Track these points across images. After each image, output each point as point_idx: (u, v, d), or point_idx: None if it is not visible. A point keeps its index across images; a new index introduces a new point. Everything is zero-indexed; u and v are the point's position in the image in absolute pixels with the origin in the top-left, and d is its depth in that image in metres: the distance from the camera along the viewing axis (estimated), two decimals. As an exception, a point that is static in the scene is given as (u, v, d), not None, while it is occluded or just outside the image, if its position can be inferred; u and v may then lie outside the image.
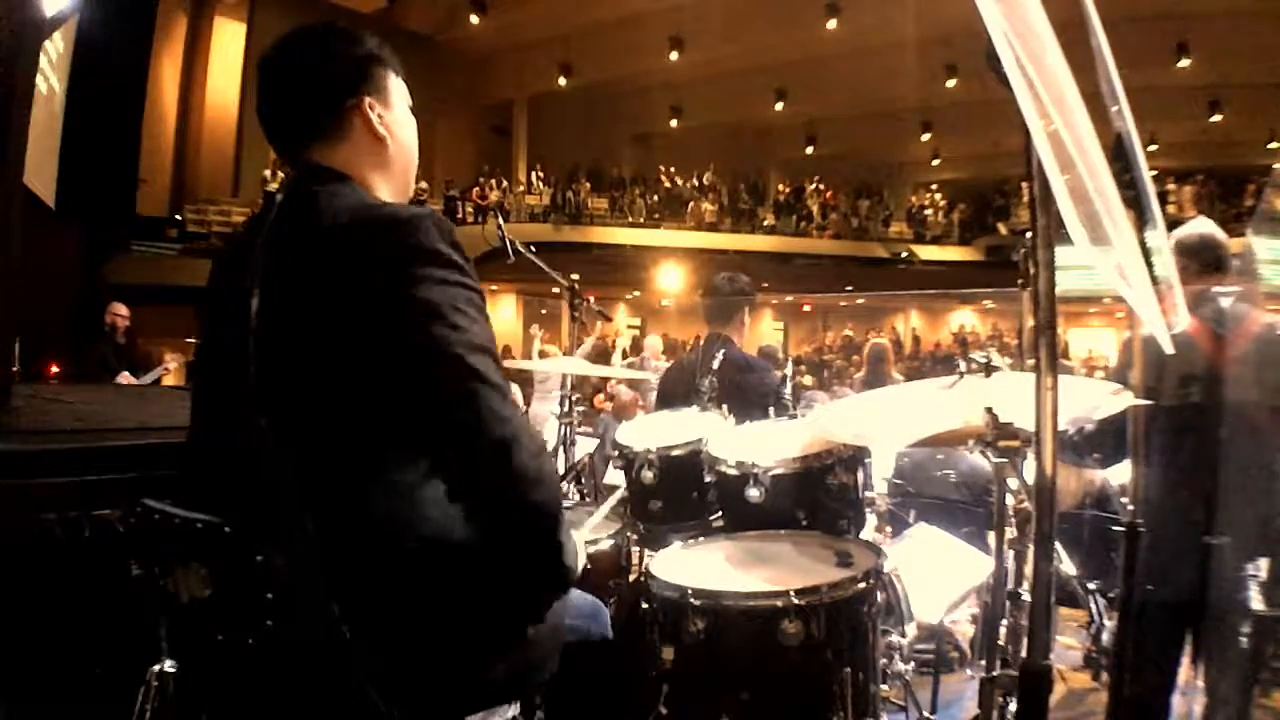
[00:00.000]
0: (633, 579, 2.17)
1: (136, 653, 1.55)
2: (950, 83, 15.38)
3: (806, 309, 23.24)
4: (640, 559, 2.35)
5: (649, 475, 2.26)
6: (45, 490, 1.99)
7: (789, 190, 20.72)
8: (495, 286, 18.88)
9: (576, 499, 2.98)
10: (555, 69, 16.73)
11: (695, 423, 2.52)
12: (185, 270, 12.10)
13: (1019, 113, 0.96)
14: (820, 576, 1.69)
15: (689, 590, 1.66)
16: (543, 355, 7.67)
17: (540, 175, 18.22)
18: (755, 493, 1.97)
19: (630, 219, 18.53)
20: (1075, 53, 1.10)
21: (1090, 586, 3.16)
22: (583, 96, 18.56)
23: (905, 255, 19.70)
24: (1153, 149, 15.19)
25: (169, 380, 6.36)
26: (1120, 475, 2.82)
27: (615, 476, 3.20)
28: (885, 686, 2.05)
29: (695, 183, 19.59)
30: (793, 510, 2.03)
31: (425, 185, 16.32)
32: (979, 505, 3.37)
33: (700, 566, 1.86)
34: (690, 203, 19.11)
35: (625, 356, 12.02)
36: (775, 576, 1.75)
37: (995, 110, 12.90)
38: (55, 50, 7.79)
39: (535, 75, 17.83)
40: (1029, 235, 1.09)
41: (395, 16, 15.35)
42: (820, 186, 20.69)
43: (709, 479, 2.14)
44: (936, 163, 21.49)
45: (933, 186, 22.16)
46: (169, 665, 1.51)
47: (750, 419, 2.51)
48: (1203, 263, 2.35)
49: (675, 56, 15.70)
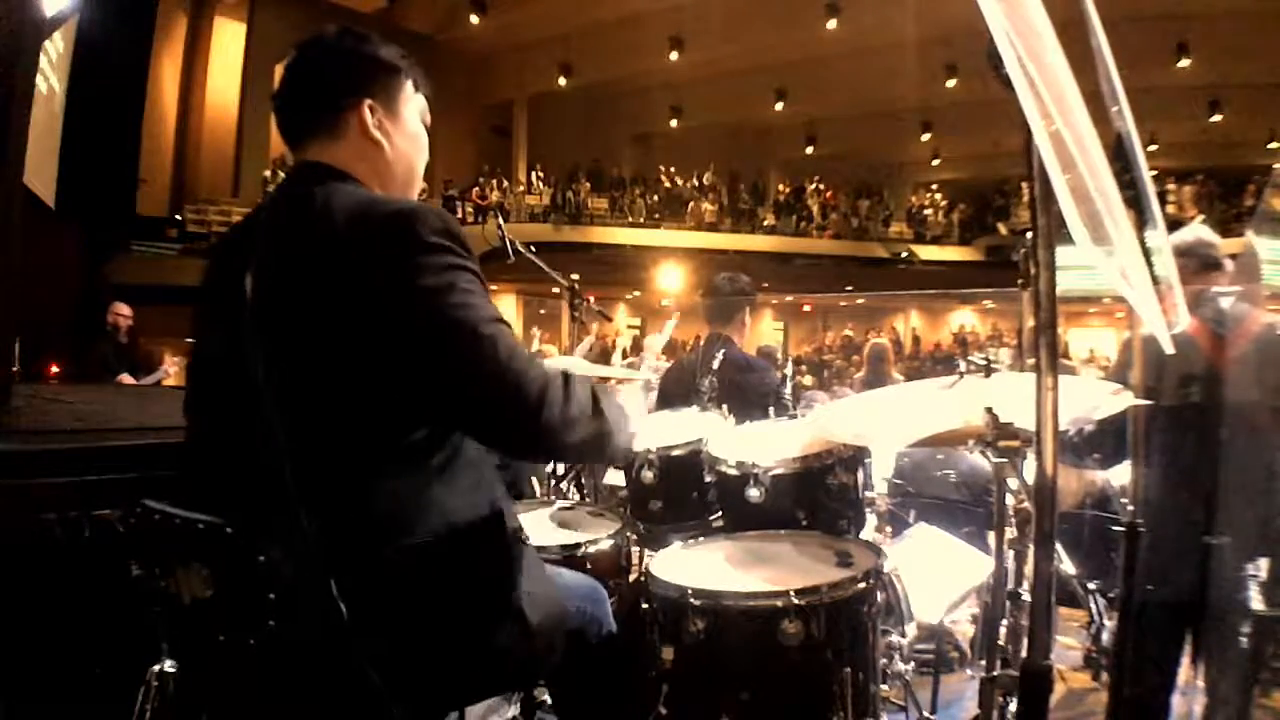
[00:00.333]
0: (633, 579, 2.16)
1: (136, 653, 1.55)
2: (950, 83, 15.37)
3: (806, 309, 23.23)
4: (640, 559, 2.35)
5: (649, 475, 2.26)
6: (45, 490, 1.99)
7: (789, 190, 20.72)
8: (495, 286, 18.86)
9: (576, 499, 2.98)
10: (555, 69, 16.72)
11: (695, 423, 2.52)
12: (185, 270, 12.09)
13: (1019, 113, 0.96)
14: (820, 576, 1.69)
15: (689, 590, 1.66)
16: (541, 355, 7.67)
17: (540, 175, 18.21)
18: (755, 493, 1.97)
19: (630, 219, 18.52)
20: (1075, 53, 1.10)
21: (1090, 586, 3.16)
22: (583, 96, 18.56)
23: (905, 255, 19.69)
24: (1153, 149, 15.18)
25: (169, 383, 6.35)
26: (1120, 475, 2.82)
27: (615, 476, 3.20)
28: (885, 686, 2.05)
29: (695, 183, 19.58)
30: (793, 510, 2.03)
31: (425, 185, 16.23)
32: (979, 505, 3.37)
33: (700, 566, 1.85)
34: (690, 203, 19.10)
35: (625, 356, 12.01)
36: (775, 576, 1.75)
37: (995, 110, 12.90)
38: (55, 50, 7.78)
39: (535, 75, 17.82)
40: (1029, 235, 1.09)
41: (395, 16, 15.35)
42: (820, 186, 20.69)
43: (709, 479, 2.14)
44: (936, 163, 21.48)
45: (933, 186, 22.15)
46: (169, 665, 1.51)
47: (750, 419, 2.51)
48: (1199, 262, 2.35)
49: (675, 56, 15.69)
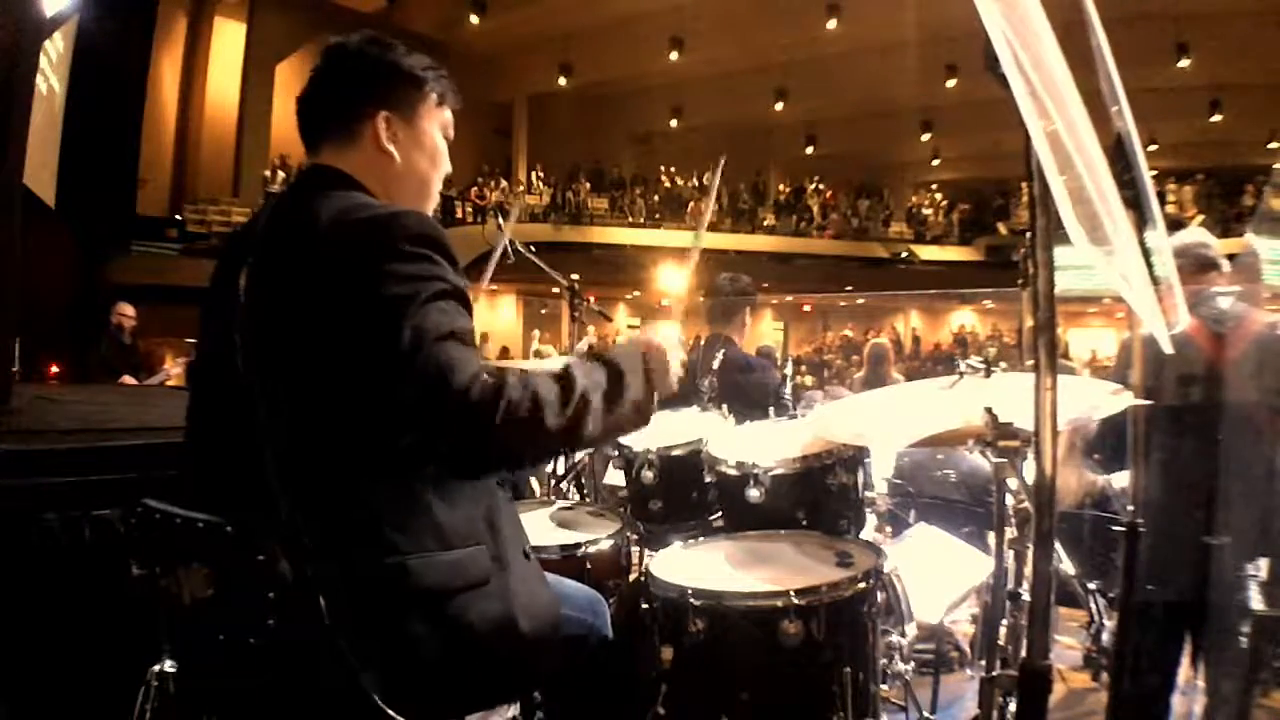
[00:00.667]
0: (633, 579, 2.16)
1: (136, 653, 1.55)
2: (950, 83, 15.36)
3: (806, 309, 23.22)
4: (640, 559, 2.35)
5: (649, 475, 2.26)
6: (45, 490, 1.99)
7: (789, 190, 20.72)
8: (495, 286, 18.87)
9: (576, 499, 2.98)
10: (555, 69, 16.72)
11: (695, 423, 2.52)
12: (185, 270, 12.09)
13: (1019, 113, 0.96)
14: (820, 576, 1.70)
15: (689, 590, 1.66)
16: (538, 355, 7.66)
17: (540, 175, 18.22)
18: (755, 493, 1.97)
19: (630, 219, 18.52)
20: (1075, 53, 1.10)
21: (1090, 586, 3.15)
22: (583, 96, 18.56)
23: (905, 255, 19.69)
24: (1153, 149, 15.17)
25: (172, 384, 6.34)
26: (1121, 476, 2.83)
27: (615, 476, 3.19)
28: (885, 686, 2.04)
29: (695, 183, 19.58)
30: (793, 510, 2.03)
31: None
32: (979, 505, 3.37)
33: (700, 566, 1.85)
34: (690, 203, 19.11)
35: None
36: (775, 576, 1.75)
37: (995, 110, 12.82)
38: (55, 50, 7.78)
39: (535, 75, 17.81)
40: (1028, 235, 1.09)
41: (395, 16, 15.33)
42: (820, 186, 20.69)
43: (709, 479, 2.14)
44: (936, 163, 21.48)
45: (933, 186, 22.16)
46: (169, 665, 1.51)
47: (750, 419, 2.51)
48: (1196, 262, 2.36)
49: (675, 56, 15.68)
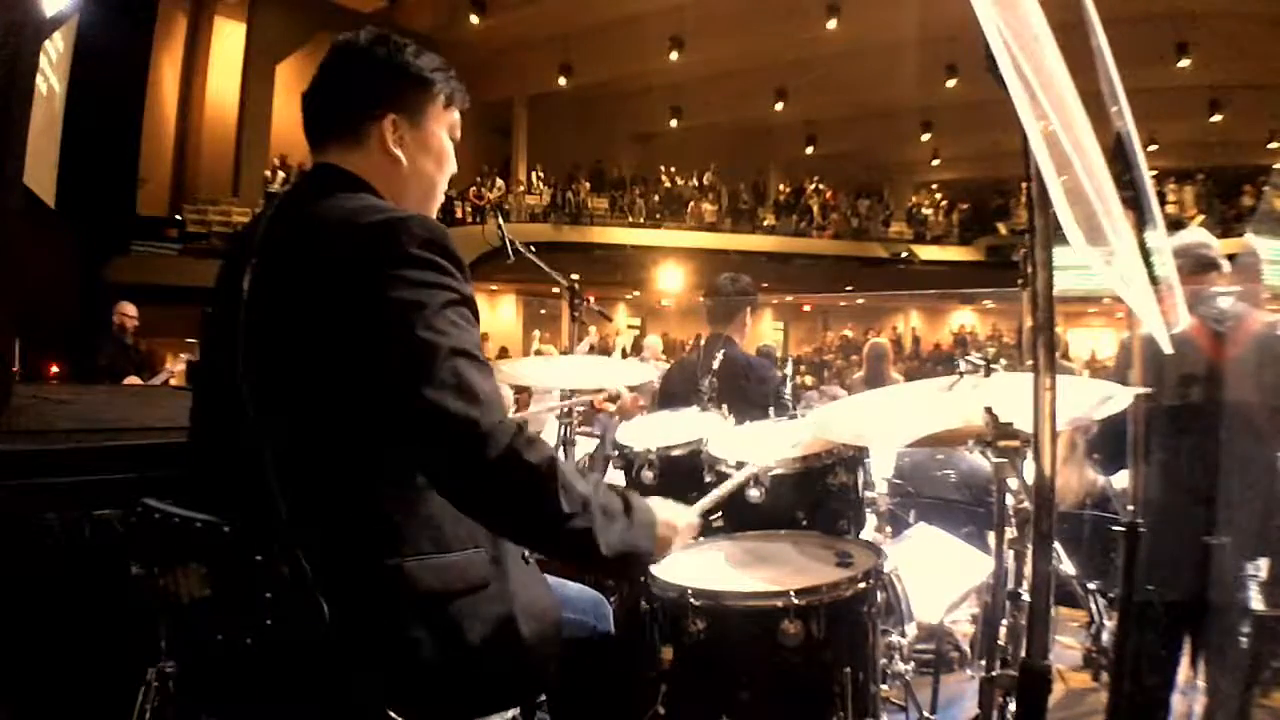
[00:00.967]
0: (633, 579, 2.16)
1: (136, 653, 1.55)
2: (950, 83, 15.36)
3: (806, 309, 23.23)
4: (640, 559, 2.35)
5: (649, 475, 2.26)
6: (45, 490, 1.99)
7: (789, 190, 20.72)
8: (495, 286, 18.87)
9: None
10: (555, 69, 16.71)
11: (695, 423, 2.52)
12: (185, 270, 12.10)
13: (1016, 113, 0.96)
14: (820, 576, 1.70)
15: (689, 590, 1.66)
16: (539, 354, 7.65)
17: (540, 175, 18.22)
18: (755, 493, 1.97)
19: (630, 219, 18.52)
20: (1075, 53, 1.10)
21: (1090, 586, 3.16)
22: (583, 96, 18.55)
23: (905, 255, 19.69)
24: (1153, 149, 15.17)
25: (176, 383, 6.34)
26: (1121, 476, 2.82)
27: (615, 476, 3.20)
28: (885, 686, 2.05)
29: (695, 183, 19.59)
30: (793, 510, 2.03)
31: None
32: (979, 505, 3.37)
33: (700, 566, 1.85)
34: (690, 203, 19.11)
35: (625, 356, 12.01)
36: (775, 576, 1.75)
37: (995, 110, 12.77)
38: (55, 50, 7.79)
39: (535, 75, 17.81)
40: (1028, 235, 1.09)
41: (395, 16, 15.34)
42: (820, 186, 20.69)
43: (709, 479, 2.14)
44: (936, 163, 21.48)
45: (933, 186, 22.15)
46: (169, 665, 1.51)
47: (750, 419, 2.51)
48: (1195, 262, 2.36)
49: (675, 56, 15.68)
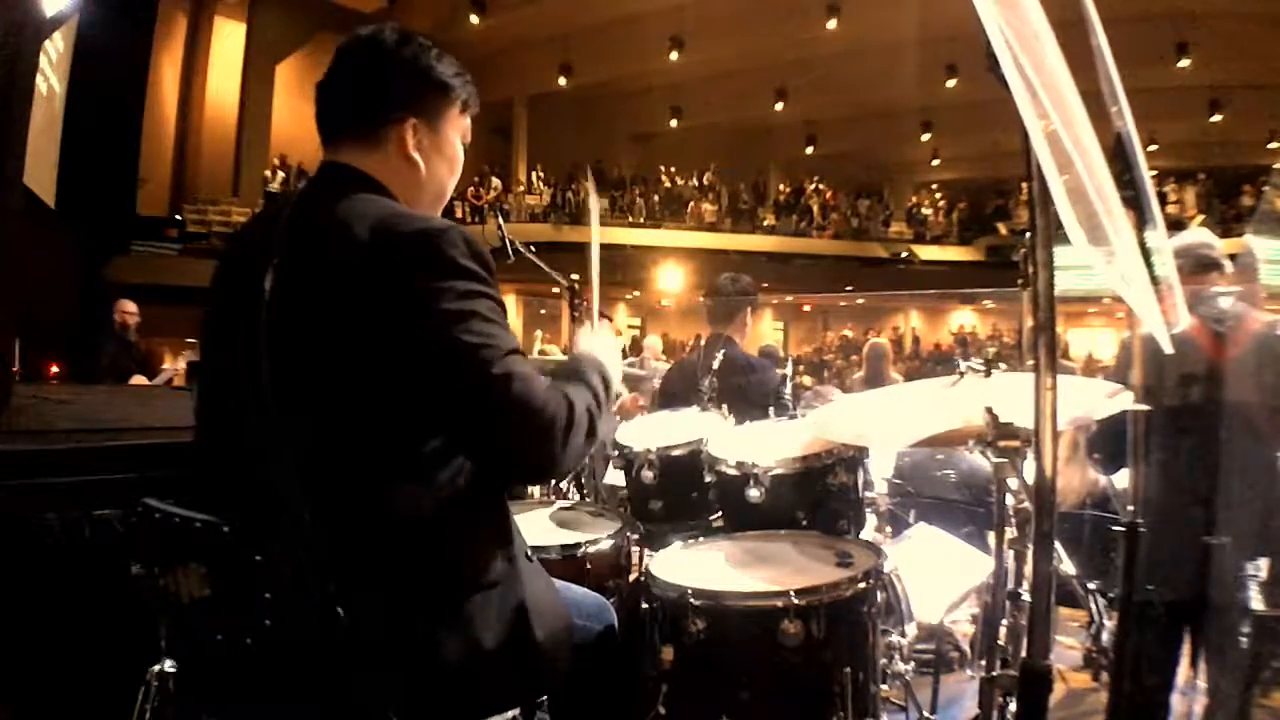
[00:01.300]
0: (633, 579, 2.16)
1: (136, 653, 1.55)
2: (950, 83, 15.36)
3: (806, 309, 23.23)
4: (640, 559, 2.35)
5: (649, 475, 2.26)
6: (45, 490, 1.99)
7: (789, 190, 20.72)
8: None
9: (576, 499, 2.98)
10: (555, 69, 16.71)
11: (695, 423, 2.52)
12: (185, 270, 12.09)
13: (1018, 112, 0.96)
14: (820, 576, 1.69)
15: (689, 590, 1.66)
16: (543, 354, 7.66)
17: (540, 175, 18.21)
18: (755, 493, 1.97)
19: (630, 219, 18.52)
20: (1075, 53, 1.10)
21: (1090, 586, 3.16)
22: (583, 96, 18.55)
23: (905, 255, 19.69)
24: (1153, 149, 15.17)
25: (177, 382, 6.33)
26: (1122, 476, 2.82)
27: (615, 476, 3.20)
28: (885, 686, 2.04)
29: (695, 183, 19.59)
30: (793, 510, 2.03)
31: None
32: (979, 505, 3.37)
33: (700, 566, 1.85)
34: (690, 203, 19.11)
35: (625, 356, 12.01)
36: (775, 576, 1.75)
37: (995, 110, 12.84)
38: (55, 50, 7.79)
39: (535, 75, 17.81)
40: (1028, 235, 1.09)
41: (395, 16, 15.35)
42: (820, 186, 20.69)
43: (709, 479, 2.14)
44: (936, 163, 21.47)
45: (933, 186, 22.15)
46: (169, 665, 1.51)
47: (750, 419, 2.51)
48: (1195, 262, 2.36)
49: (675, 56, 15.67)
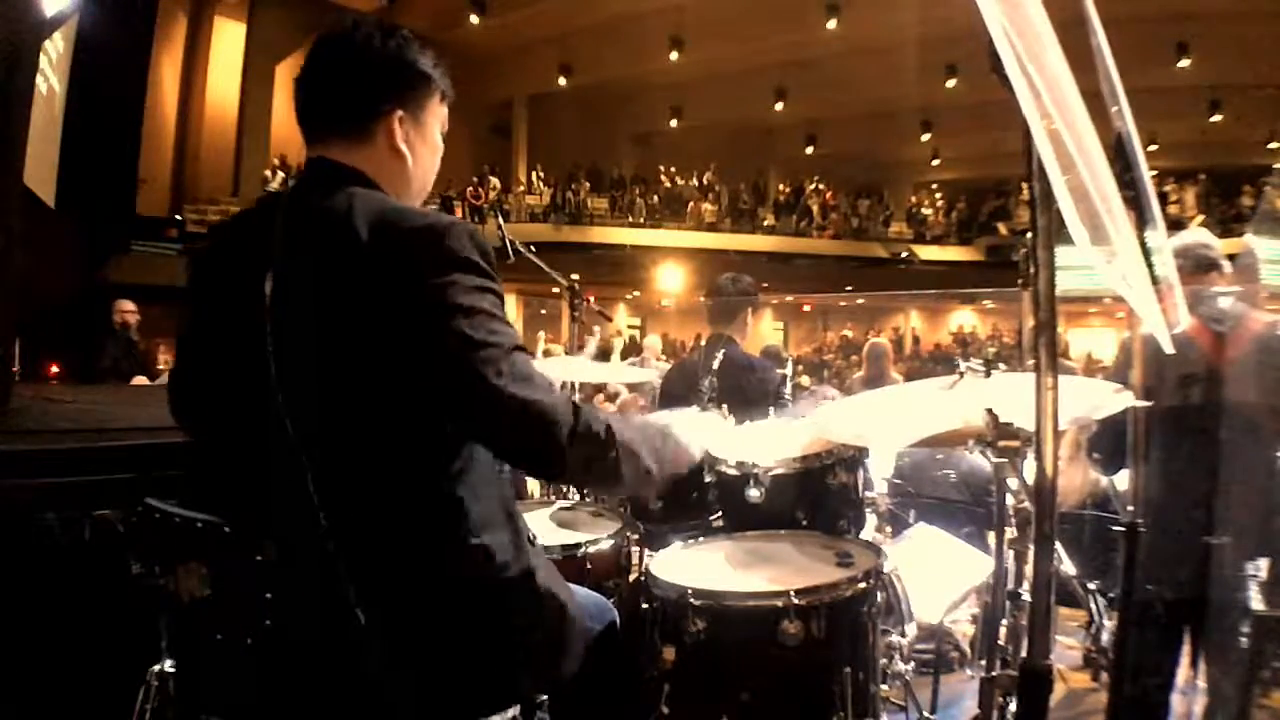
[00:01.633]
0: (633, 579, 2.16)
1: (136, 653, 1.55)
2: (950, 83, 15.37)
3: (806, 309, 23.23)
4: (640, 559, 2.35)
5: (649, 475, 2.25)
6: (45, 490, 1.99)
7: (789, 190, 20.72)
8: (495, 286, 18.82)
9: (576, 499, 2.98)
10: (555, 69, 16.73)
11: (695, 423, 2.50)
12: (185, 270, 12.07)
13: (1019, 112, 0.96)
14: (820, 576, 1.70)
15: (689, 590, 1.66)
16: (547, 354, 7.67)
17: (540, 175, 18.22)
18: (755, 493, 1.97)
19: (630, 219, 18.52)
20: (1075, 53, 1.10)
21: (1090, 586, 3.16)
22: (583, 96, 18.56)
23: (905, 255, 19.69)
24: (1153, 149, 15.17)
25: None
26: (1123, 477, 2.83)
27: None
28: (885, 686, 2.04)
29: (695, 183, 19.59)
30: (793, 510, 2.03)
31: (425, 185, 16.30)
32: (979, 505, 3.37)
33: (700, 566, 1.85)
34: (690, 203, 19.10)
35: (624, 356, 12.01)
36: (775, 576, 1.75)
37: (995, 110, 12.89)
38: (55, 50, 7.79)
39: (535, 75, 17.82)
40: (1029, 235, 1.09)
41: (395, 16, 15.33)
42: (820, 186, 20.69)
43: (709, 479, 2.14)
44: (936, 163, 21.49)
45: (933, 186, 22.15)
46: (169, 665, 1.51)
47: (750, 419, 2.51)
48: (1195, 262, 2.35)
49: (675, 56, 15.69)
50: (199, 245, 1.41)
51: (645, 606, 1.77)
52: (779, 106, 17.75)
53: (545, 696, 1.44)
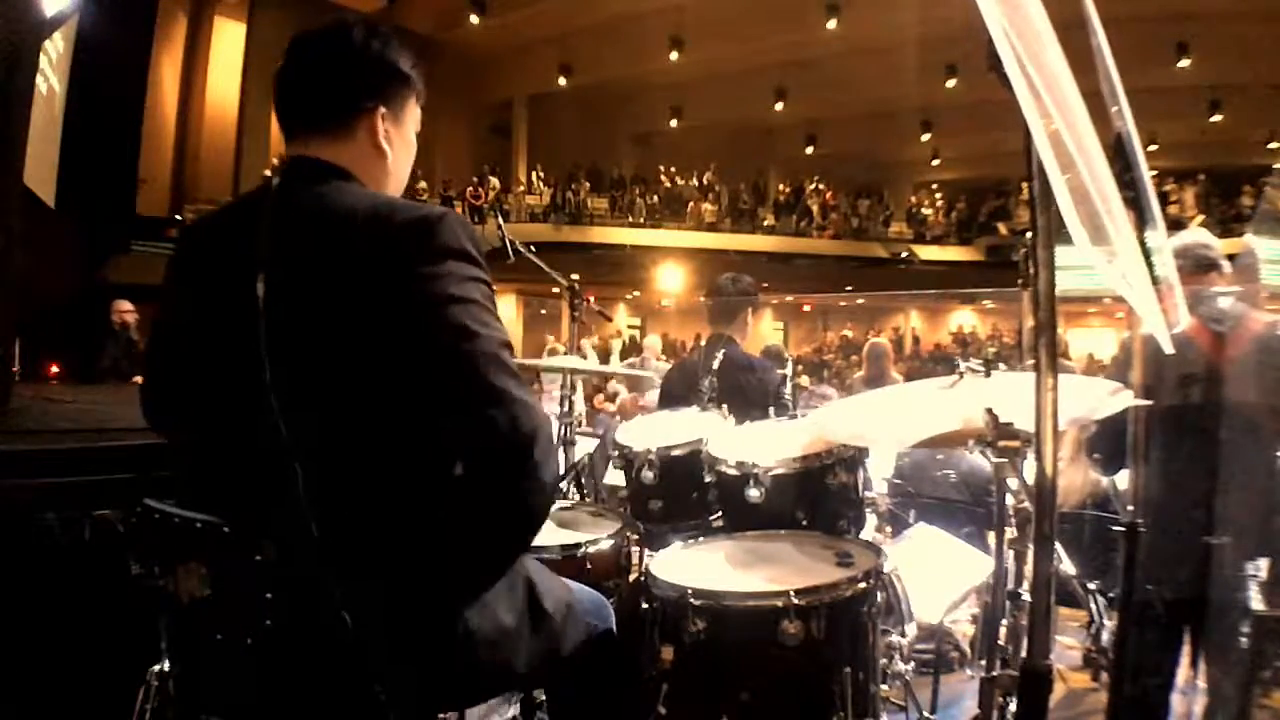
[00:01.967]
0: (633, 579, 2.16)
1: (136, 653, 1.55)
2: (950, 83, 15.37)
3: (806, 309, 23.24)
4: (640, 559, 2.35)
5: (649, 475, 2.26)
6: (45, 490, 1.99)
7: (789, 190, 20.72)
8: (495, 286, 18.82)
9: (576, 499, 2.98)
10: (555, 69, 16.72)
11: (695, 423, 2.51)
12: (185, 270, 12.06)
13: (1019, 112, 0.96)
14: (820, 576, 1.69)
15: (689, 590, 1.66)
16: (552, 353, 7.69)
17: (540, 175, 18.22)
18: (755, 493, 1.97)
19: (630, 219, 18.52)
20: (1075, 53, 1.10)
21: (1090, 586, 3.16)
22: (583, 96, 18.56)
23: (905, 255, 19.69)
24: (1153, 149, 15.17)
25: None
26: (1123, 477, 2.83)
27: (615, 476, 3.20)
28: (885, 686, 2.04)
29: (695, 183, 19.59)
30: (793, 510, 2.03)
31: (425, 184, 16.34)
32: (979, 505, 3.37)
33: (700, 566, 1.85)
34: (690, 203, 19.10)
35: (624, 356, 12.02)
36: (775, 576, 1.75)
37: (995, 110, 12.90)
38: (55, 50, 7.78)
39: (535, 75, 17.82)
40: (1029, 235, 1.09)
41: (395, 16, 15.32)
42: (820, 186, 20.69)
43: (709, 479, 2.14)
44: (936, 163, 21.49)
45: (933, 186, 22.16)
46: (169, 665, 1.51)
47: (750, 419, 2.51)
48: (1194, 262, 2.35)
49: (675, 56, 15.69)
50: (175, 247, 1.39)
51: (645, 606, 1.77)
52: (779, 106, 17.75)
53: (545, 697, 1.44)
